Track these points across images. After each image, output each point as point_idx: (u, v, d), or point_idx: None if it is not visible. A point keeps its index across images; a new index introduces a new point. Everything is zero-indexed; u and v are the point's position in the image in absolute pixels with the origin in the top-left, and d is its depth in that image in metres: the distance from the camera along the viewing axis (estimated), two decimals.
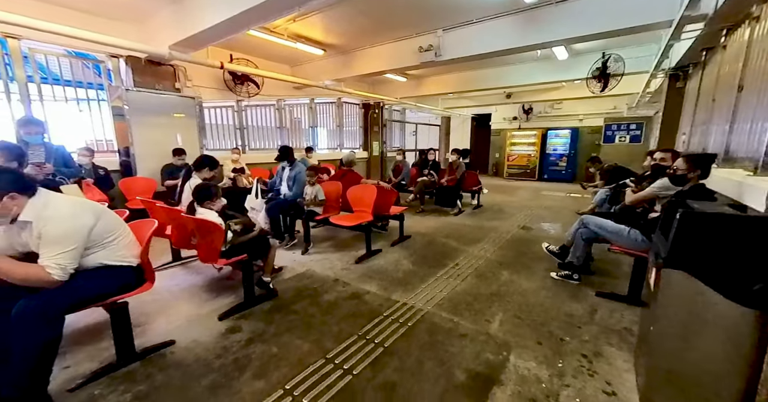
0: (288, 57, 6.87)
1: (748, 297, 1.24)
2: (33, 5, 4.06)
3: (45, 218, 1.51)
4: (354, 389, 1.65)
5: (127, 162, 4.89)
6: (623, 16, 3.72)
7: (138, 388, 1.65)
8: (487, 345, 2.02)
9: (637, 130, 8.69)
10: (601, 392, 1.63)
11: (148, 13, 4.62)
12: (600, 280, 2.94)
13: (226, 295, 2.65)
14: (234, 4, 3.39)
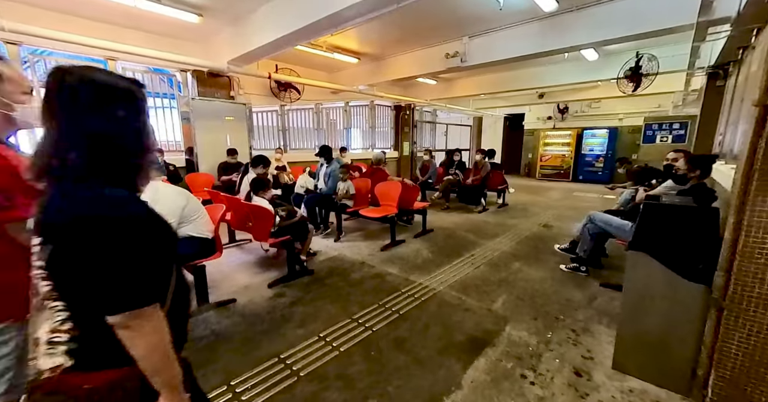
0: (326, 65, 7.49)
1: (695, 274, 1.50)
2: (125, 32, 4.97)
3: (155, 200, 2.12)
4: (372, 340, 2.09)
5: (191, 160, 5.75)
6: (645, 20, 3.78)
7: (213, 327, 2.22)
8: (487, 318, 2.36)
9: (680, 129, 8.24)
10: (580, 357, 1.92)
11: (210, 35, 5.41)
12: (608, 274, 3.12)
13: (272, 270, 3.21)
14: (281, 28, 3.98)
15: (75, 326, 0.65)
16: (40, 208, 0.67)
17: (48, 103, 0.67)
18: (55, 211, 0.64)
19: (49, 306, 0.66)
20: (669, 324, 1.59)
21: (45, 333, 0.66)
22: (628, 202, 4.64)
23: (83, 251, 0.62)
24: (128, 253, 0.64)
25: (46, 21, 4.17)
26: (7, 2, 3.97)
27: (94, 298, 0.63)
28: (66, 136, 0.66)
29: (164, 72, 5.60)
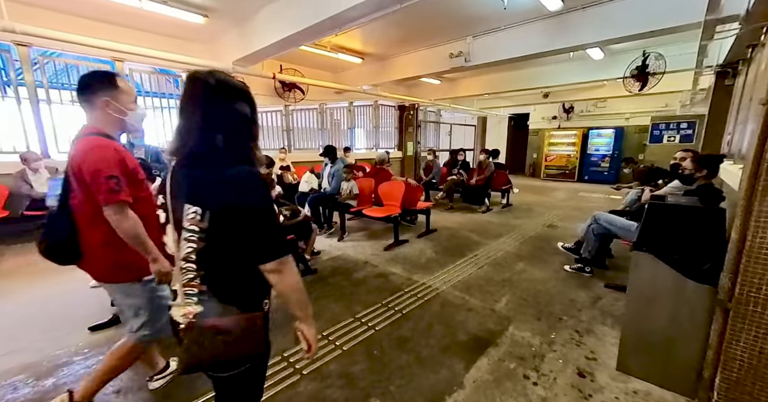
0: (330, 65, 7.51)
1: (701, 275, 1.48)
2: (132, 33, 5.03)
3: None
4: (375, 339, 2.09)
5: None
6: (652, 18, 3.74)
7: None
8: (490, 317, 2.35)
9: (688, 129, 8.14)
10: (584, 357, 1.91)
11: (216, 36, 5.46)
12: (613, 274, 3.09)
13: None
14: (285, 29, 4.01)
15: (201, 283, 0.84)
16: (191, 183, 0.83)
17: (190, 101, 0.83)
18: (209, 184, 0.81)
19: (183, 265, 0.84)
20: (674, 325, 1.58)
21: (180, 286, 0.85)
22: (634, 202, 4.59)
23: (244, 213, 0.79)
24: (272, 215, 0.83)
25: (55, 23, 4.24)
26: (18, 5, 4.04)
27: (252, 251, 0.81)
28: (207, 127, 0.82)
29: (170, 73, 5.66)
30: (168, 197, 0.87)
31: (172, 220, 0.86)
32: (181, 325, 0.83)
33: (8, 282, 2.91)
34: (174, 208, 0.85)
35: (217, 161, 0.82)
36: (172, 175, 0.87)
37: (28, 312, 2.42)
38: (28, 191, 3.84)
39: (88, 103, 1.32)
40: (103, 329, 2.18)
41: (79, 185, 1.26)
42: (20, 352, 1.95)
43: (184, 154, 0.85)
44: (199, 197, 0.81)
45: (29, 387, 1.67)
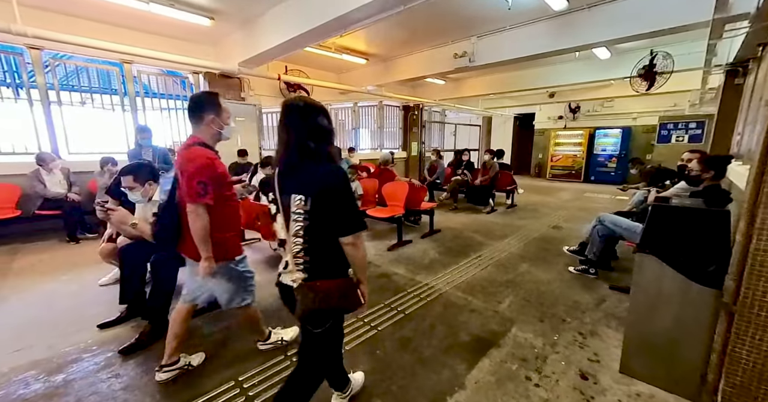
0: (335, 66, 7.55)
1: (705, 278, 1.47)
2: (140, 35, 5.12)
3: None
4: (377, 339, 2.11)
5: None
6: (659, 17, 3.70)
7: (223, 324, 2.27)
8: (492, 319, 2.35)
9: (697, 128, 8.02)
10: (587, 359, 1.90)
11: (222, 37, 5.52)
12: (618, 276, 3.07)
13: None
14: (290, 30, 4.05)
15: (305, 254, 1.13)
16: (296, 179, 1.13)
17: (287, 121, 1.13)
18: (308, 178, 1.10)
19: (293, 241, 1.13)
20: (678, 328, 1.56)
21: (291, 257, 1.15)
22: (641, 203, 4.54)
23: (332, 198, 1.09)
24: (351, 199, 1.13)
25: (66, 26, 4.32)
26: (30, 9, 4.13)
27: (334, 227, 1.10)
28: (305, 136, 1.11)
29: (177, 74, 5.74)
30: (277, 194, 1.17)
31: (282, 209, 1.16)
32: (292, 286, 1.15)
33: (20, 280, 2.98)
34: (282, 201, 1.15)
35: (312, 161, 1.12)
36: (278, 178, 1.17)
37: (38, 309, 2.48)
38: (42, 191, 3.93)
39: (197, 118, 1.59)
40: (112, 327, 2.22)
41: (182, 182, 1.57)
42: (31, 348, 2.00)
43: (284, 163, 1.16)
44: (303, 188, 1.11)
45: (40, 383, 1.72)
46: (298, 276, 1.14)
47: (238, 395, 1.63)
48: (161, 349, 1.96)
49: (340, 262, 1.16)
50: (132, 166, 2.15)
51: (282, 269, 1.21)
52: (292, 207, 1.11)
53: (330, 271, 1.15)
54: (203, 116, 1.58)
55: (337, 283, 1.14)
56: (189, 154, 1.52)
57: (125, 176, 2.11)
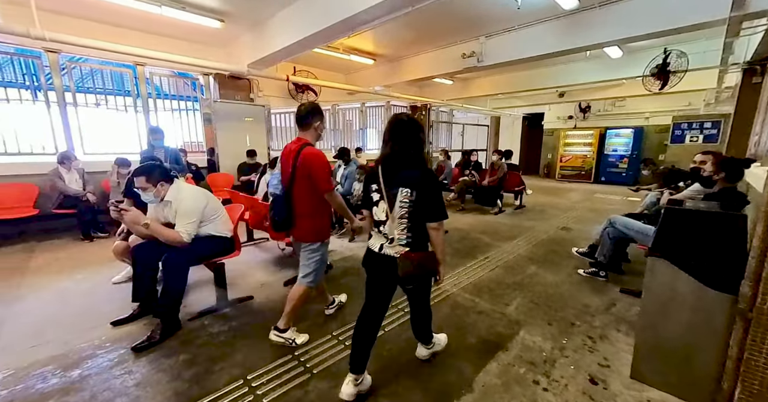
0: (343, 67, 7.58)
1: (720, 283, 1.44)
2: (152, 38, 5.22)
3: (179, 199, 2.22)
4: (385, 340, 2.11)
5: (212, 160, 5.96)
6: (673, 15, 3.62)
7: (231, 323, 2.30)
8: (500, 321, 2.34)
9: (713, 128, 7.85)
10: (596, 364, 1.88)
11: (232, 39, 5.60)
12: (630, 279, 3.01)
13: (288, 269, 3.29)
14: (298, 32, 4.09)
15: (407, 231, 1.49)
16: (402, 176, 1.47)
17: (394, 131, 1.51)
18: (414, 176, 1.46)
19: (398, 222, 1.49)
20: (691, 333, 1.53)
21: (396, 235, 1.50)
22: (653, 205, 4.44)
23: (430, 192, 1.45)
24: (440, 194, 1.50)
25: (81, 30, 4.43)
26: (47, 13, 4.24)
27: (427, 214, 1.48)
28: (409, 145, 1.49)
29: (188, 76, 5.84)
30: (382, 187, 1.51)
31: (386, 198, 1.50)
32: (394, 256, 1.49)
33: (38, 278, 3.07)
34: (388, 192, 1.50)
35: (413, 164, 1.49)
36: (383, 173, 1.53)
37: (54, 306, 2.55)
38: (63, 187, 4.04)
39: (307, 124, 1.97)
40: (125, 324, 2.27)
41: (302, 178, 1.90)
42: (48, 344, 2.05)
43: (390, 161, 1.52)
44: (408, 183, 1.46)
45: (57, 377, 1.77)
46: (400, 249, 1.50)
47: (247, 394, 1.66)
48: (173, 347, 2.01)
49: (427, 240, 1.54)
50: (145, 167, 2.20)
51: (386, 243, 1.54)
52: (398, 197, 1.48)
53: (421, 246, 1.53)
54: (311, 123, 1.96)
55: (427, 254, 1.53)
56: (312, 154, 1.90)
57: (138, 177, 2.15)
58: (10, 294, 2.73)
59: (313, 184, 1.90)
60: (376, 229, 1.58)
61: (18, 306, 2.54)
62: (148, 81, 5.25)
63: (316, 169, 1.87)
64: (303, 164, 1.89)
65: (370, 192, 1.59)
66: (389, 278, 1.56)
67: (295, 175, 1.93)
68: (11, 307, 2.51)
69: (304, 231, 2.00)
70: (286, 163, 1.98)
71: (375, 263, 1.59)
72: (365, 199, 1.64)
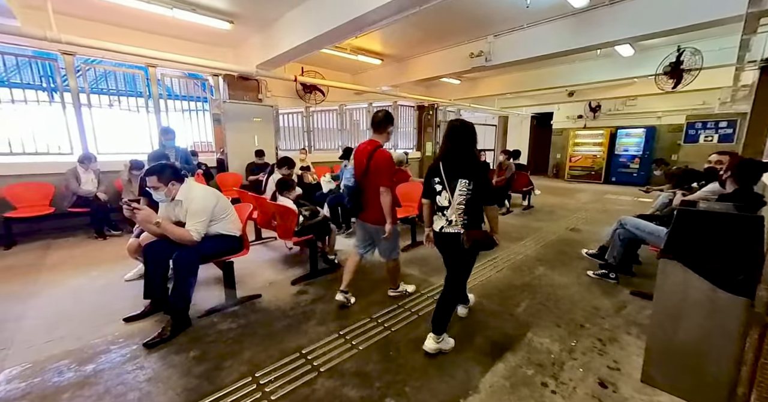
0: (350, 67, 7.60)
1: (735, 286, 1.40)
2: (163, 40, 5.31)
3: (189, 199, 2.26)
4: (391, 340, 2.12)
5: (221, 160, 6.04)
6: (687, 12, 3.54)
7: (240, 321, 2.33)
8: (508, 322, 2.32)
9: (728, 128, 7.65)
10: (606, 367, 1.85)
11: (241, 40, 5.66)
12: (641, 282, 2.96)
13: (295, 268, 3.32)
14: (306, 33, 4.12)
15: (463, 214, 1.84)
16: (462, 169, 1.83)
17: (453, 134, 1.87)
18: (471, 169, 1.82)
19: (457, 207, 1.84)
20: (704, 337, 1.50)
21: (455, 218, 1.86)
22: (665, 206, 4.36)
23: (483, 182, 1.82)
24: (490, 183, 1.91)
25: (95, 32, 4.54)
26: (63, 17, 4.35)
27: (483, 200, 1.84)
28: (463, 144, 1.85)
29: (198, 77, 5.92)
30: (444, 178, 1.87)
31: (448, 188, 1.87)
32: (457, 233, 1.87)
33: (54, 275, 3.16)
34: (449, 182, 1.86)
35: (468, 159, 1.86)
36: (444, 166, 1.89)
37: (69, 303, 2.61)
38: (75, 188, 4.15)
39: (381, 129, 2.34)
40: (137, 320, 2.32)
41: (374, 173, 2.30)
42: (63, 339, 2.11)
43: (449, 158, 1.89)
44: (467, 175, 1.82)
45: (72, 371, 1.81)
46: (460, 228, 1.88)
47: (255, 391, 1.68)
48: (183, 343, 2.04)
49: (480, 220, 1.92)
50: (156, 167, 2.24)
51: (446, 225, 1.91)
52: (458, 186, 1.83)
53: (475, 225, 1.90)
54: (386, 128, 2.35)
55: (481, 231, 1.90)
56: (382, 155, 2.29)
57: (150, 176, 2.19)
58: (28, 290, 2.81)
59: (378, 178, 2.28)
60: (439, 213, 1.96)
61: (35, 302, 2.61)
62: (159, 82, 5.34)
63: (383, 168, 2.27)
64: (376, 162, 2.28)
65: (433, 184, 1.95)
66: (449, 250, 1.98)
67: (369, 170, 2.32)
68: (29, 303, 2.58)
69: (376, 216, 2.36)
70: (359, 159, 2.38)
71: (438, 240, 2.02)
72: (427, 190, 2.00)
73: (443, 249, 2.03)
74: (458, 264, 2.00)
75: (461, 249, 1.86)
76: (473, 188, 1.80)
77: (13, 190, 4.09)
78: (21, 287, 2.86)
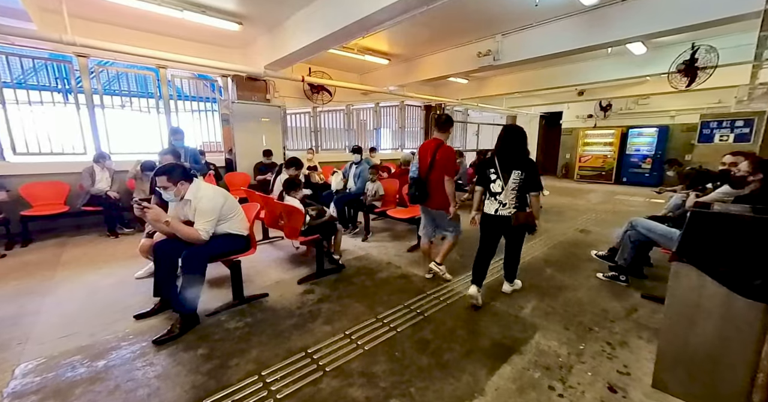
0: (357, 67, 7.61)
1: (752, 291, 1.36)
2: (172, 41, 5.39)
3: (198, 198, 2.29)
4: (396, 340, 2.11)
5: (230, 160, 6.11)
6: (704, 8, 3.44)
7: (247, 320, 2.36)
8: (515, 324, 2.29)
9: (745, 127, 7.43)
10: (615, 371, 1.82)
11: (249, 41, 5.71)
12: (652, 285, 2.90)
13: (302, 267, 3.34)
14: (314, 33, 4.13)
15: (515, 199, 2.39)
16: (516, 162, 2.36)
17: (509, 137, 2.39)
18: (524, 163, 2.36)
19: (510, 193, 2.38)
20: (718, 343, 1.46)
21: (508, 201, 2.40)
22: (678, 207, 4.26)
23: (533, 173, 2.35)
24: (538, 174, 2.39)
25: (108, 34, 4.63)
26: (77, 19, 4.45)
27: (530, 187, 2.38)
28: (515, 143, 2.38)
29: (207, 78, 6.00)
30: (498, 170, 2.37)
31: (501, 177, 2.37)
32: (509, 215, 2.39)
33: (67, 271, 3.24)
34: (503, 172, 2.36)
35: (521, 155, 2.35)
36: (499, 161, 2.39)
37: (82, 299, 2.68)
38: (88, 186, 4.25)
39: (445, 129, 2.86)
40: (147, 318, 2.36)
41: (440, 166, 2.74)
42: (76, 335, 2.16)
43: (504, 153, 2.39)
44: (520, 167, 2.32)
45: (84, 367, 1.86)
46: (512, 210, 2.39)
47: (261, 389, 1.69)
48: (191, 341, 2.08)
49: (525, 204, 2.42)
50: (166, 167, 2.27)
51: (500, 207, 2.43)
52: (512, 176, 2.34)
53: (522, 208, 2.40)
54: (448, 128, 2.88)
55: (528, 213, 2.39)
56: (447, 150, 2.76)
57: (159, 176, 2.23)
58: (44, 286, 2.89)
59: (443, 170, 2.73)
60: (492, 198, 2.46)
61: (50, 298, 2.68)
62: (169, 83, 5.43)
63: (448, 162, 2.73)
64: (441, 156, 2.74)
65: (488, 173, 2.44)
66: (500, 230, 2.51)
67: (434, 164, 2.76)
68: (44, 299, 2.65)
69: (440, 202, 2.81)
70: (424, 155, 2.84)
71: (491, 221, 2.50)
72: (481, 178, 2.53)
73: (494, 228, 2.52)
74: (512, 239, 2.61)
75: (511, 227, 2.40)
76: (524, 177, 2.32)
77: (29, 189, 4.21)
78: (37, 283, 2.94)
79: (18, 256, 3.65)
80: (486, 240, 2.55)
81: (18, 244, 3.93)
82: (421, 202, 2.91)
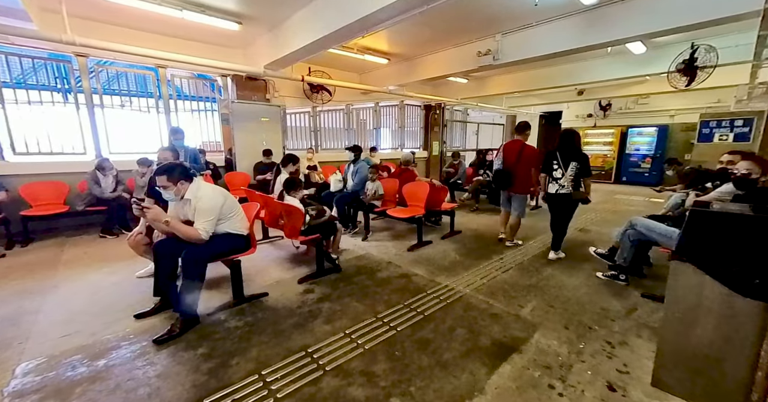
0: (357, 66, 7.62)
1: (751, 290, 1.37)
2: (172, 41, 5.39)
3: (198, 197, 2.29)
4: (396, 340, 2.11)
5: (229, 159, 6.11)
6: (704, 8, 3.45)
7: (247, 319, 2.36)
8: (515, 323, 2.30)
9: (744, 126, 7.41)
10: (615, 370, 1.82)
11: (249, 41, 5.71)
12: (652, 284, 2.90)
13: (302, 267, 3.34)
14: (314, 33, 4.13)
15: (572, 182, 3.27)
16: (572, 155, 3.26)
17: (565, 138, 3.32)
18: (579, 157, 3.25)
19: (568, 178, 3.26)
20: (718, 342, 1.46)
21: (566, 184, 3.28)
22: (677, 206, 4.26)
23: (586, 164, 3.27)
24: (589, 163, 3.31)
25: (107, 34, 4.63)
26: (76, 19, 4.44)
27: (583, 173, 3.27)
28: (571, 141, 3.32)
29: (207, 77, 6.00)
30: (560, 161, 3.27)
31: (562, 167, 3.27)
32: (567, 193, 3.29)
33: (68, 271, 3.24)
34: (563, 163, 3.26)
35: (576, 150, 3.27)
36: (560, 154, 3.28)
37: (83, 299, 2.68)
38: (99, 193, 4.27)
39: (524, 131, 3.76)
40: (147, 317, 2.37)
41: (525, 162, 3.69)
42: (76, 334, 2.16)
43: (563, 149, 3.29)
44: (576, 159, 3.23)
45: (84, 366, 1.86)
46: (569, 190, 3.23)
47: (261, 388, 1.69)
48: (191, 340, 2.08)
49: (579, 186, 3.24)
50: (166, 166, 2.27)
51: (560, 188, 3.27)
52: (570, 166, 3.20)
53: (577, 189, 3.21)
54: (527, 132, 3.76)
55: (582, 192, 3.24)
56: (531, 149, 3.73)
57: (159, 176, 2.23)
58: (44, 285, 2.89)
59: (529, 164, 3.68)
60: (554, 182, 3.30)
61: (51, 297, 2.68)
62: (169, 83, 5.43)
63: (532, 157, 3.68)
64: (527, 154, 3.68)
65: (552, 164, 3.29)
66: (560, 204, 3.34)
67: (520, 159, 3.67)
68: (45, 298, 2.66)
69: (520, 189, 3.78)
70: (509, 152, 3.75)
71: (554, 198, 3.36)
72: (546, 167, 3.35)
73: (556, 204, 3.36)
74: (565, 213, 3.39)
75: (569, 202, 3.28)
76: (580, 167, 3.18)
77: (29, 189, 4.20)
78: (38, 283, 2.94)
79: (18, 255, 3.65)
80: (553, 212, 3.44)
81: (18, 243, 3.93)
82: (504, 188, 3.84)
